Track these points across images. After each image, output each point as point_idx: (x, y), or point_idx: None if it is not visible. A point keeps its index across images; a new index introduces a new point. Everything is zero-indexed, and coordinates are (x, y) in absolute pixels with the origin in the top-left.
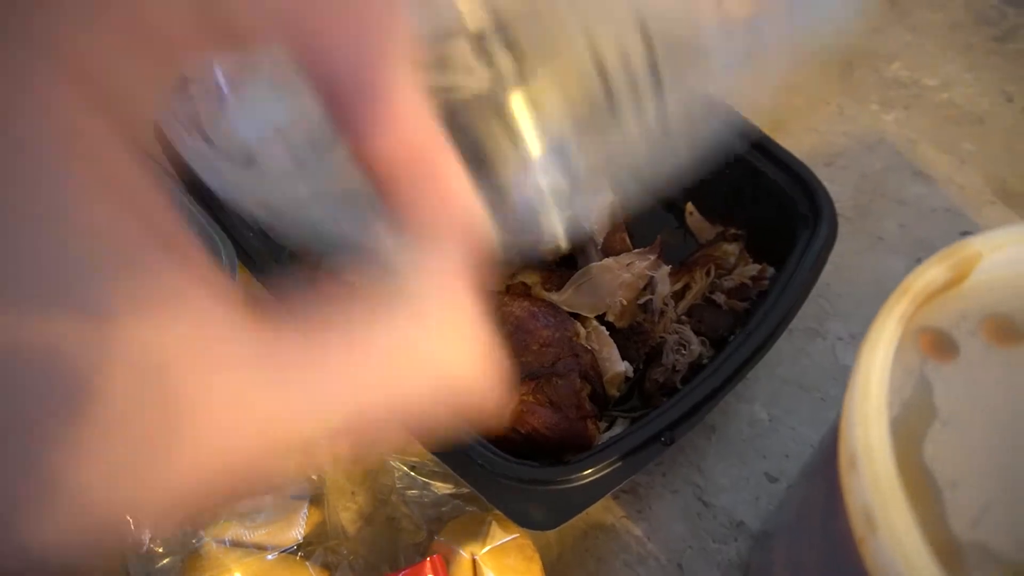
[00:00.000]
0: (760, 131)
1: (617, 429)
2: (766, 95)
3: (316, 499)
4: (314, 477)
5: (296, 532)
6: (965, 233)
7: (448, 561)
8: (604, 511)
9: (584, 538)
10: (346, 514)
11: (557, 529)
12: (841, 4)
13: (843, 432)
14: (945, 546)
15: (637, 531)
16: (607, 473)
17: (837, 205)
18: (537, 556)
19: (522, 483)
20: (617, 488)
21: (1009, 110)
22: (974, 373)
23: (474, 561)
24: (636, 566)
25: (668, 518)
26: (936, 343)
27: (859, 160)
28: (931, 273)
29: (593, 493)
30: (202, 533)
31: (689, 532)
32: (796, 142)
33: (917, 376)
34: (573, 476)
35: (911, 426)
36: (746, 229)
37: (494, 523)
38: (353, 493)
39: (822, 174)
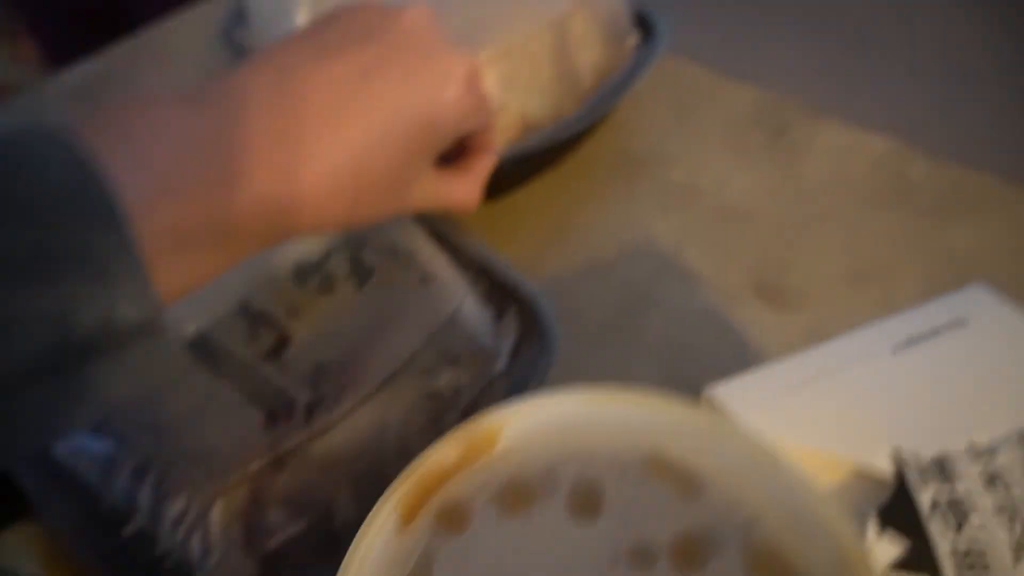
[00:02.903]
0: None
1: None
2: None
3: None
4: None
5: None
6: (724, 333)
7: None
8: None
9: None
10: None
11: None
12: None
13: None
14: None
15: None
16: None
17: (602, 315)
18: None
19: None
20: None
21: (776, 206)
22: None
23: None
24: None
25: None
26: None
27: (630, 266)
28: (442, 452)
29: None
30: None
31: None
32: (572, 252)
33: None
34: None
35: None
36: None
37: None
38: None
39: (594, 284)
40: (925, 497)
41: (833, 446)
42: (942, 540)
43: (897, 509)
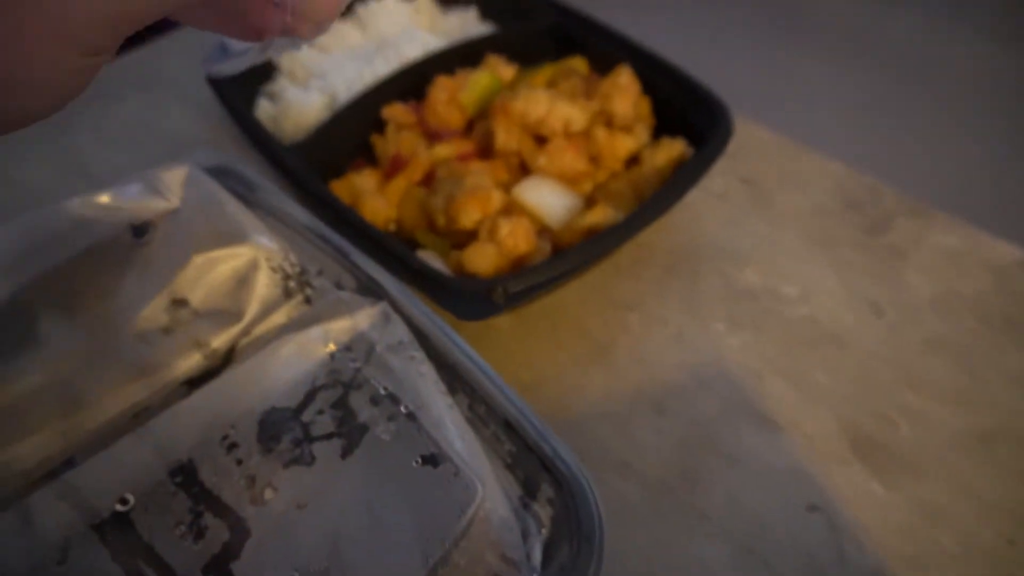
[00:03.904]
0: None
1: None
2: None
3: None
4: None
5: None
6: (812, 507)
7: None
8: None
9: None
10: None
11: None
12: None
13: None
14: None
15: None
16: None
17: (659, 470)
18: None
19: None
20: None
21: (874, 328)
22: None
23: None
24: None
25: None
26: None
27: (692, 402)
28: None
29: None
30: None
31: None
32: (619, 378)
33: None
34: None
35: None
36: None
37: None
38: None
39: (648, 424)
40: None
41: None
42: None
43: None
